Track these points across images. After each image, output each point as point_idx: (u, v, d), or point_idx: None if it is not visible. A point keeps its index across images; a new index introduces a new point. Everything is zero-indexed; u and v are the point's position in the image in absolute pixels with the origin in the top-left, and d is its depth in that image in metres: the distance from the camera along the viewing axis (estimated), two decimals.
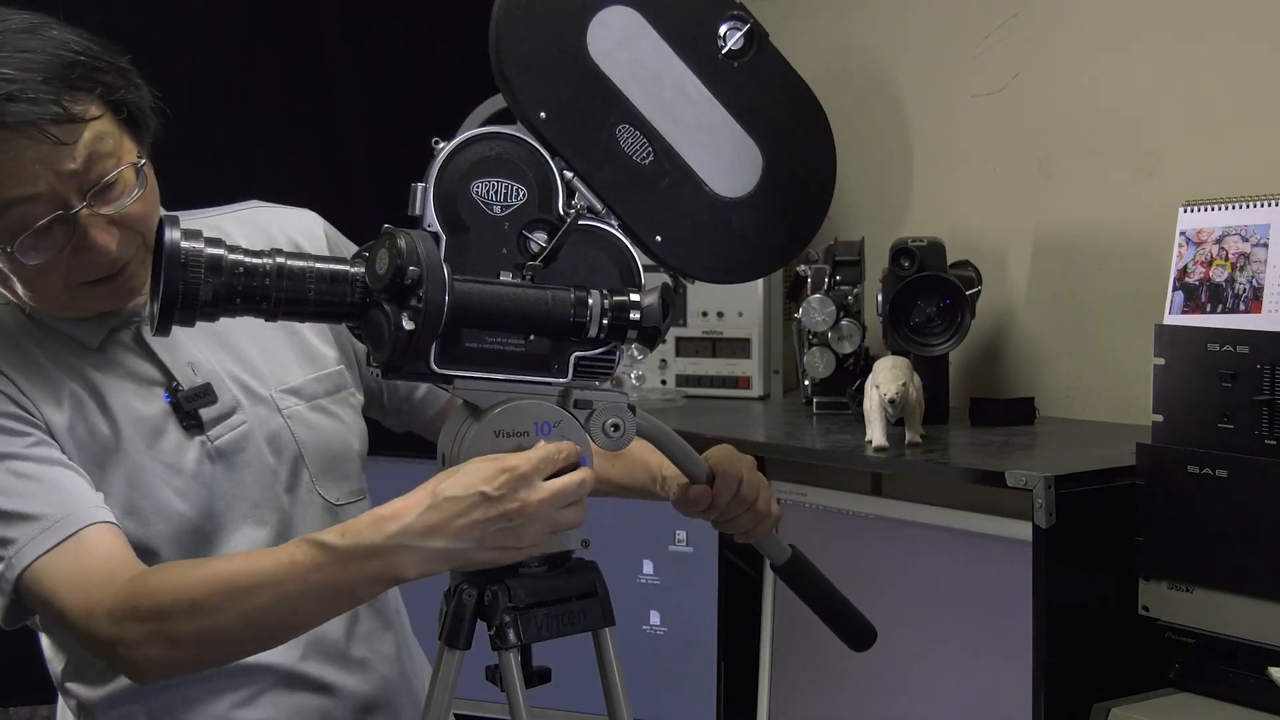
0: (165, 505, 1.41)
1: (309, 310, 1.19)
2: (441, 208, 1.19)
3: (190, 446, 1.43)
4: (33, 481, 1.33)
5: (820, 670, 2.12)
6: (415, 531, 1.19)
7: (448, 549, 1.19)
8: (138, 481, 1.41)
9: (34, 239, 1.31)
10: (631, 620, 2.27)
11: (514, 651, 1.21)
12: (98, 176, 1.32)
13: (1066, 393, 2.11)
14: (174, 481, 1.42)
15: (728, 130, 1.29)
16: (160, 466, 1.42)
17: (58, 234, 1.32)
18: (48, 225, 1.31)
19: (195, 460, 1.43)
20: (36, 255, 1.32)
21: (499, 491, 1.19)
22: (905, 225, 2.36)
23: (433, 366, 1.19)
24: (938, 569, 1.97)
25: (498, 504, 1.19)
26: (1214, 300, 1.66)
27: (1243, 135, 1.92)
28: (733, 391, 2.39)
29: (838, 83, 2.49)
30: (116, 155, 1.35)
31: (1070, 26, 2.12)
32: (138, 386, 1.44)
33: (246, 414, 1.47)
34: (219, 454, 1.45)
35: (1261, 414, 1.52)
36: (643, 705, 1.40)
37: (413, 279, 1.13)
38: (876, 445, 1.84)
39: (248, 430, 1.46)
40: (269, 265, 1.17)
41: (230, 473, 1.45)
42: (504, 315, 1.19)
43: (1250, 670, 1.53)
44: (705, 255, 1.29)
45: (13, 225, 1.30)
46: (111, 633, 1.27)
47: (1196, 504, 1.58)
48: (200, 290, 1.14)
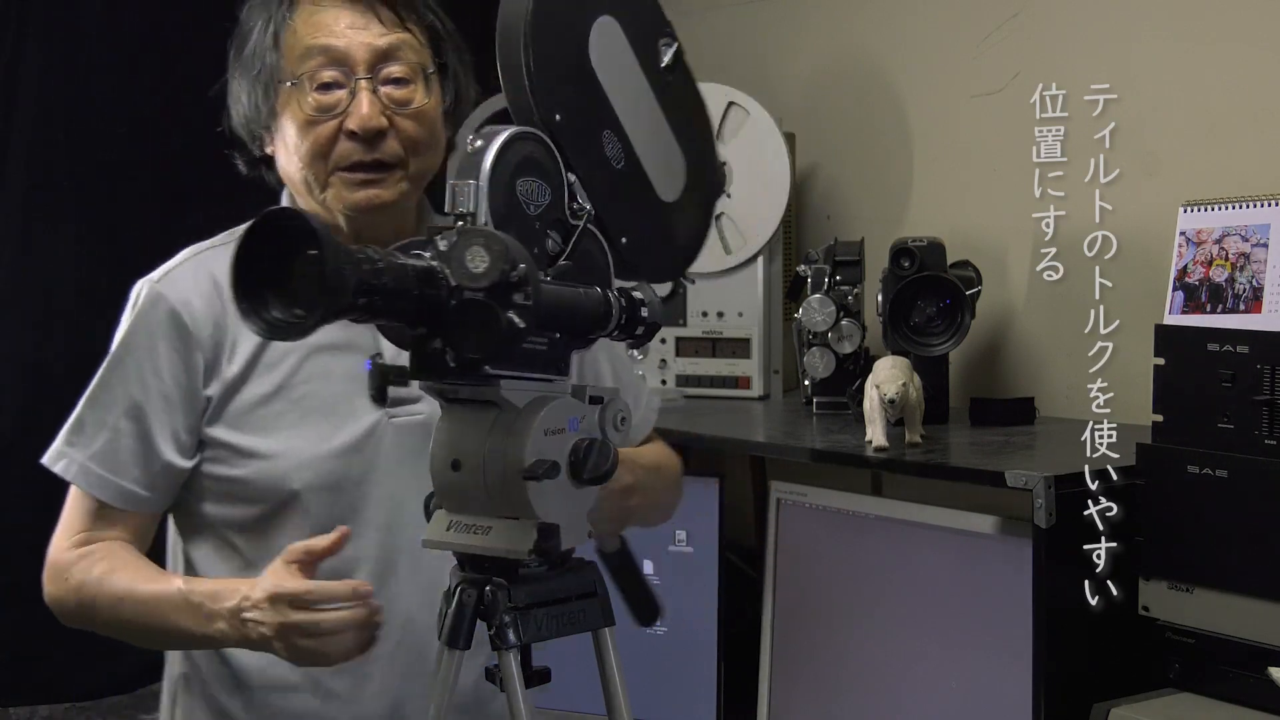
0: (319, 456, 1.53)
1: (408, 308, 1.12)
2: (491, 207, 1.18)
3: (369, 417, 1.54)
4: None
5: (820, 670, 2.12)
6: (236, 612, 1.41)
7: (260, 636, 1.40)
8: (303, 425, 1.54)
9: (320, 90, 1.50)
10: (632, 620, 2.27)
11: (514, 651, 1.21)
12: (390, 68, 1.52)
13: (1066, 393, 2.11)
14: (337, 438, 1.54)
15: (665, 138, 1.34)
16: (330, 423, 1.54)
17: (338, 94, 1.51)
18: (332, 82, 1.51)
19: (366, 429, 1.55)
20: (315, 97, 1.50)
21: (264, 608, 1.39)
22: (905, 225, 2.36)
23: (487, 368, 1.16)
24: (938, 569, 1.97)
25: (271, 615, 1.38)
26: (1214, 300, 1.66)
27: (1243, 135, 1.92)
28: (733, 391, 2.39)
29: (838, 83, 2.49)
30: (415, 71, 1.53)
31: (1070, 26, 2.13)
32: (346, 344, 1.53)
33: (429, 407, 1.52)
34: (393, 432, 1.55)
35: (1261, 414, 1.52)
36: (643, 705, 1.40)
37: (519, 277, 1.10)
38: (876, 445, 1.84)
39: (425, 421, 1.53)
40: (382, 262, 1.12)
41: (394, 452, 1.55)
42: (560, 315, 1.19)
43: (1250, 670, 1.53)
44: (654, 256, 1.33)
45: (308, 70, 1.50)
46: (47, 575, 1.55)
47: (1196, 504, 1.58)
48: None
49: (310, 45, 1.51)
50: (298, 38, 1.52)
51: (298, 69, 1.51)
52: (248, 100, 1.55)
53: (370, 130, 1.50)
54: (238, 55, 1.57)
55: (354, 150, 1.51)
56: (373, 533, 1.55)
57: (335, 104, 1.51)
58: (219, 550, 1.58)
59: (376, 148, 1.51)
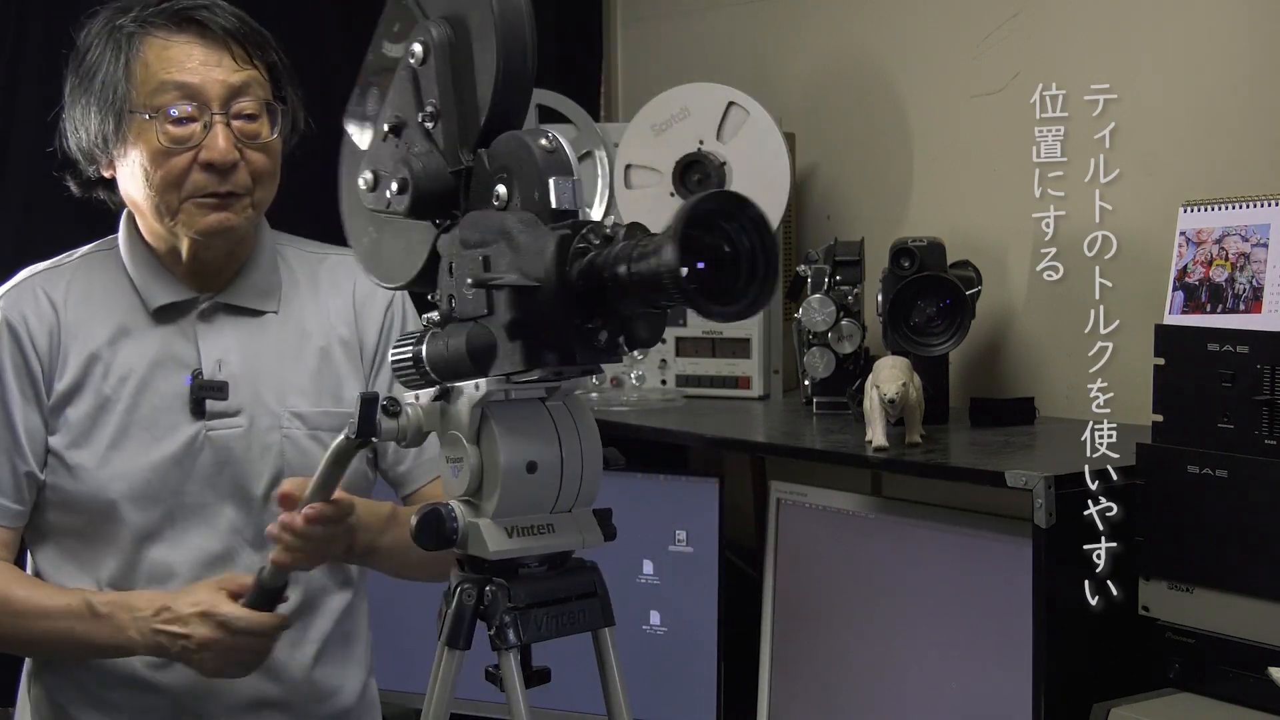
0: (136, 469, 1.63)
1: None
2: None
3: (188, 429, 1.65)
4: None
5: (820, 670, 2.12)
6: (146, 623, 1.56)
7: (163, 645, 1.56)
8: (123, 438, 1.63)
9: (174, 124, 1.57)
10: (631, 620, 2.27)
11: (514, 651, 1.21)
12: (240, 104, 1.60)
13: (1066, 393, 2.11)
14: (156, 451, 1.63)
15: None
16: (150, 435, 1.64)
17: (192, 127, 1.58)
18: (185, 117, 1.58)
19: (185, 441, 1.64)
20: (170, 129, 1.57)
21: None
22: (905, 225, 2.36)
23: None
24: (938, 569, 1.97)
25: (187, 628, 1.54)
26: (1214, 300, 1.66)
27: (1243, 135, 1.92)
28: (733, 391, 2.39)
29: (838, 83, 2.49)
30: (261, 106, 1.62)
31: (1070, 26, 2.12)
32: (171, 360, 1.66)
33: (248, 420, 1.67)
34: (209, 445, 1.65)
35: (1261, 414, 1.52)
36: (643, 705, 1.40)
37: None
38: (876, 445, 1.83)
39: (243, 434, 1.66)
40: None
41: (210, 464, 1.65)
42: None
43: (1250, 670, 1.53)
44: None
45: (163, 104, 1.57)
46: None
47: (1196, 504, 1.58)
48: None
49: (164, 80, 1.58)
50: (150, 71, 1.59)
51: (151, 101, 1.58)
52: (97, 126, 1.61)
53: (226, 164, 1.59)
54: (83, 81, 1.62)
55: (208, 181, 1.59)
56: (192, 539, 1.65)
57: (189, 136, 1.58)
58: (60, 556, 1.68)
59: (228, 179, 1.60)
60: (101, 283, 1.69)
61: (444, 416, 1.23)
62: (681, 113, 2.31)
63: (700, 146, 2.29)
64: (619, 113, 2.92)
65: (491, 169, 1.18)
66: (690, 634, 2.27)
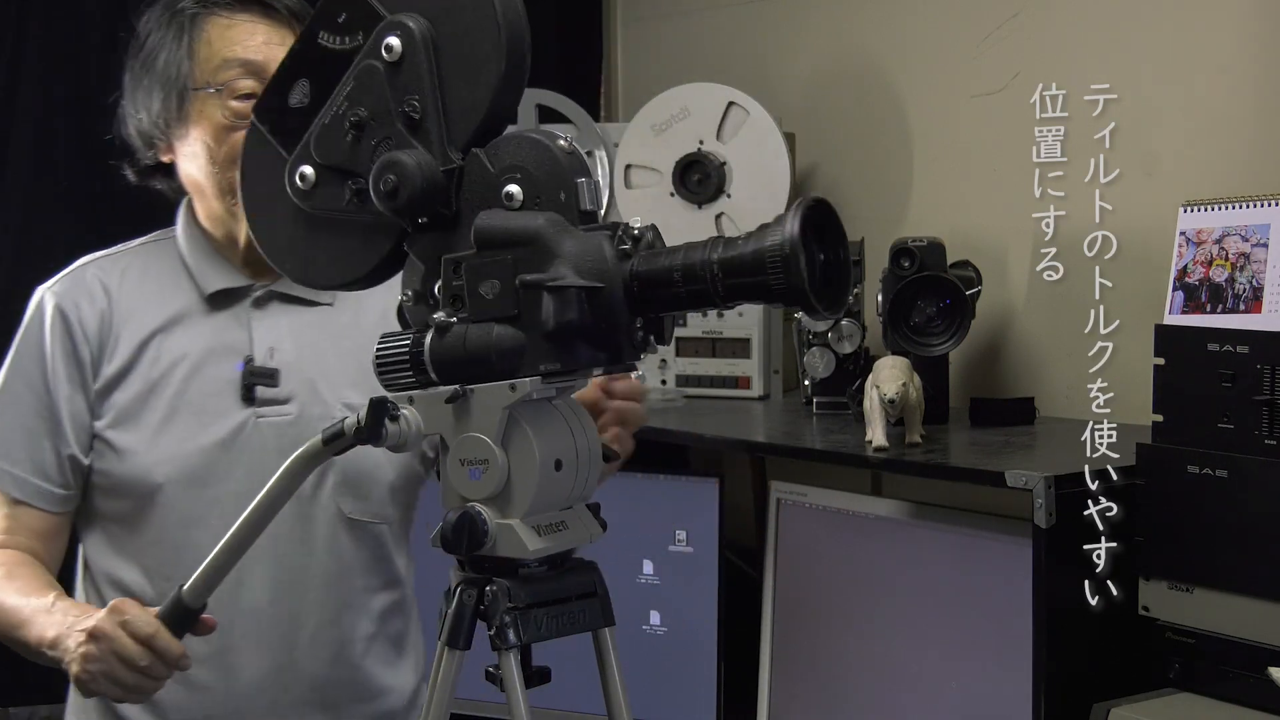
0: (184, 452, 1.61)
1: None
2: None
3: (238, 415, 1.63)
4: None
5: (820, 670, 2.12)
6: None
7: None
8: (171, 421, 1.62)
9: (238, 99, 1.58)
10: (631, 620, 2.27)
11: (514, 651, 1.21)
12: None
13: (1066, 393, 2.11)
14: (204, 435, 1.62)
15: None
16: (198, 420, 1.62)
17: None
18: (249, 93, 1.57)
19: (234, 427, 1.63)
20: (234, 105, 1.57)
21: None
22: (905, 225, 2.36)
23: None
24: (938, 569, 1.97)
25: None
26: (1214, 300, 1.66)
27: (1243, 135, 1.92)
28: (733, 391, 2.39)
29: (838, 83, 2.49)
30: None
31: (1070, 26, 2.12)
32: (224, 347, 1.65)
33: (298, 408, 1.65)
34: (258, 431, 1.63)
35: (1261, 414, 1.52)
36: (643, 705, 1.40)
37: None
38: (876, 445, 1.83)
39: (293, 422, 1.64)
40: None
41: (258, 450, 1.62)
42: None
43: (1250, 670, 1.53)
44: None
45: (227, 80, 1.58)
46: None
47: (1196, 504, 1.58)
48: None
49: (228, 57, 1.59)
50: (213, 49, 1.60)
51: (215, 78, 1.59)
52: (159, 107, 1.62)
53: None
54: (144, 64, 1.63)
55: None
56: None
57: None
58: (107, 543, 1.67)
59: None
60: (157, 270, 1.69)
61: (459, 419, 1.19)
62: (681, 113, 2.31)
63: (700, 146, 2.29)
64: (619, 113, 2.92)
65: (497, 169, 1.17)
66: (690, 634, 2.27)
